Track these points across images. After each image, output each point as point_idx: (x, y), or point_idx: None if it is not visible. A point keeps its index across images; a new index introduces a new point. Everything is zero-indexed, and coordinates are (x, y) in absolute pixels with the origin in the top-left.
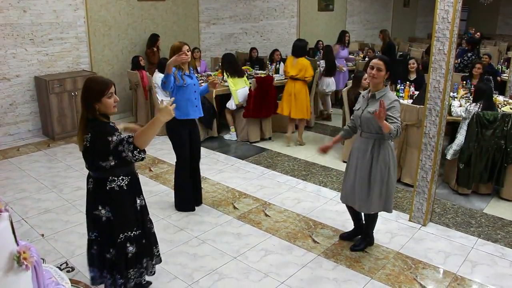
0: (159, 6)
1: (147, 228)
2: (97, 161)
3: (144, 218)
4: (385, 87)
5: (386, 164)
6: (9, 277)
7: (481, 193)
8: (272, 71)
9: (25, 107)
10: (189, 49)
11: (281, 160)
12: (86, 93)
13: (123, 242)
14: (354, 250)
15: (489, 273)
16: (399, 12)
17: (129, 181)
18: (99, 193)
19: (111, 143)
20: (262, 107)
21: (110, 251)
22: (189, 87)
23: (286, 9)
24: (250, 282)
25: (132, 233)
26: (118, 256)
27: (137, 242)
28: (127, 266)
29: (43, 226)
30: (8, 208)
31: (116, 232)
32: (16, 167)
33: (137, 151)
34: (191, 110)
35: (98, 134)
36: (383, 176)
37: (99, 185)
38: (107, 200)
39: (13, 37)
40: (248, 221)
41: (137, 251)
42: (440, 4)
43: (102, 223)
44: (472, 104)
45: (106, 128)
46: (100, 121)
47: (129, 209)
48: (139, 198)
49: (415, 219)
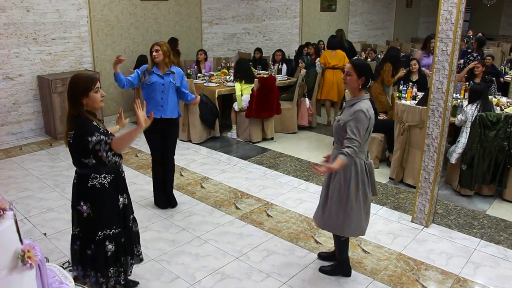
0: (162, 6)
1: (128, 227)
2: (79, 157)
3: (126, 217)
4: (364, 94)
5: (345, 182)
6: (14, 275)
7: (484, 195)
8: (274, 71)
9: (28, 106)
10: (158, 49)
11: (283, 160)
12: (73, 89)
13: (102, 240)
14: (320, 270)
15: (491, 275)
16: (402, 12)
17: (112, 179)
18: (81, 189)
19: (90, 143)
20: (265, 107)
21: (91, 247)
22: (155, 85)
23: (288, 9)
24: (252, 282)
25: (111, 231)
26: (98, 254)
27: (116, 240)
28: (107, 264)
29: (45, 225)
30: (12, 207)
31: (95, 229)
32: (19, 166)
33: (111, 153)
34: (152, 109)
35: (79, 132)
36: (340, 195)
37: (82, 181)
38: (88, 196)
39: (16, 37)
40: (250, 221)
41: (116, 249)
42: (444, 5)
43: (83, 218)
44: (468, 105)
45: (88, 127)
46: (85, 118)
47: (109, 207)
48: (122, 196)
49: (417, 220)
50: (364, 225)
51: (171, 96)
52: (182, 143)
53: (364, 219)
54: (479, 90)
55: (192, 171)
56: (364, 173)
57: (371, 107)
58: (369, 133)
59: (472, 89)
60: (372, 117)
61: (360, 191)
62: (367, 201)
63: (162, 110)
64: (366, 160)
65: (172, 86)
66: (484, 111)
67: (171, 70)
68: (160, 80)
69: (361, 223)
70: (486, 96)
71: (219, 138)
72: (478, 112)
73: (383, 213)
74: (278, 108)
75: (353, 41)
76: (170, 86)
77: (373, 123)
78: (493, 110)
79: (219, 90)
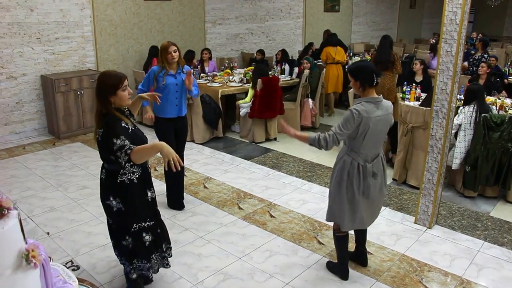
0: (165, 6)
1: (159, 218)
2: (108, 154)
3: (156, 210)
4: (369, 96)
5: (335, 171)
6: (18, 274)
7: (488, 196)
8: (277, 72)
9: (31, 106)
10: (176, 49)
11: (286, 161)
12: (101, 87)
13: (137, 232)
14: (326, 264)
15: (495, 277)
16: (405, 13)
17: (140, 174)
18: (110, 184)
19: (115, 145)
20: (268, 107)
21: (126, 238)
22: (169, 86)
23: (292, 9)
24: (255, 283)
25: (146, 224)
26: (136, 245)
27: (153, 231)
28: (148, 252)
29: (48, 225)
30: (16, 207)
31: (129, 222)
32: (22, 165)
33: (129, 164)
34: (168, 109)
35: (108, 131)
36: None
37: (111, 176)
38: (118, 192)
39: (20, 36)
40: (253, 221)
41: (154, 238)
42: (448, 6)
43: (113, 212)
44: (465, 107)
45: (116, 127)
46: (113, 116)
47: (139, 201)
48: (149, 191)
49: (420, 221)
50: (347, 220)
51: (184, 94)
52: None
53: (348, 214)
54: (475, 90)
55: (195, 171)
56: (354, 173)
57: (372, 110)
58: (365, 136)
59: (468, 89)
60: (367, 119)
61: (343, 188)
62: (354, 201)
63: (178, 109)
64: (363, 163)
65: (181, 83)
66: (481, 112)
67: (182, 68)
68: (174, 80)
69: (342, 214)
70: (482, 96)
71: (222, 138)
72: (476, 113)
73: (386, 214)
74: (281, 109)
75: (356, 41)
76: (183, 84)
77: (370, 126)
78: (490, 110)
79: (222, 91)
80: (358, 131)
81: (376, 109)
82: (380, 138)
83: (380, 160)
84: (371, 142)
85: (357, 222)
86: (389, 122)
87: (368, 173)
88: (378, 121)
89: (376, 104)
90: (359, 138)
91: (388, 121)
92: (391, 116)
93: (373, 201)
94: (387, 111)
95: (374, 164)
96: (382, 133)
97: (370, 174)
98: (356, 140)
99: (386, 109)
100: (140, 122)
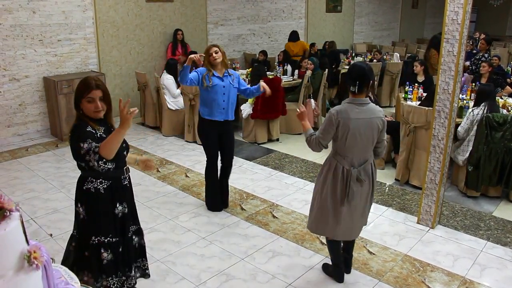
0: (167, 7)
1: (127, 238)
2: (77, 160)
3: (125, 227)
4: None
5: (321, 173)
6: (20, 276)
7: (490, 196)
8: (280, 72)
9: (34, 108)
10: (217, 50)
11: (289, 161)
12: (75, 91)
13: (96, 246)
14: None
15: (498, 277)
16: (408, 13)
17: (109, 185)
18: (78, 191)
19: (82, 149)
20: (270, 108)
21: (89, 250)
22: (216, 88)
23: (294, 10)
24: (257, 284)
25: (107, 239)
26: (92, 259)
27: (113, 249)
28: (102, 272)
29: (51, 226)
30: (19, 208)
31: (89, 233)
32: (25, 167)
33: (102, 161)
34: (216, 112)
35: (73, 137)
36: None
37: (79, 182)
38: (83, 199)
39: (22, 38)
40: (256, 222)
41: (114, 259)
42: (450, 6)
43: (80, 220)
44: (474, 109)
45: (82, 132)
46: (80, 121)
47: (103, 213)
48: (121, 204)
49: (423, 221)
50: (324, 225)
51: (231, 99)
52: (188, 144)
53: (325, 218)
54: (487, 91)
55: (198, 172)
56: (337, 177)
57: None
58: (347, 138)
59: (479, 90)
60: (345, 120)
61: (326, 189)
62: (332, 204)
63: (225, 112)
64: (348, 167)
65: (232, 88)
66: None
67: (229, 71)
68: (221, 82)
69: (323, 222)
70: (494, 98)
71: None
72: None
73: (389, 214)
74: (283, 109)
75: (358, 42)
76: (231, 88)
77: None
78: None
79: None
80: (338, 132)
81: (358, 111)
82: (366, 143)
83: (370, 167)
84: (355, 146)
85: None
86: (375, 127)
87: (352, 178)
88: (360, 124)
89: (359, 106)
90: (341, 140)
91: (374, 126)
92: (379, 120)
93: (355, 208)
94: (372, 114)
95: (361, 169)
96: (367, 137)
97: (354, 179)
98: (339, 142)
99: (372, 112)
100: (142, 123)
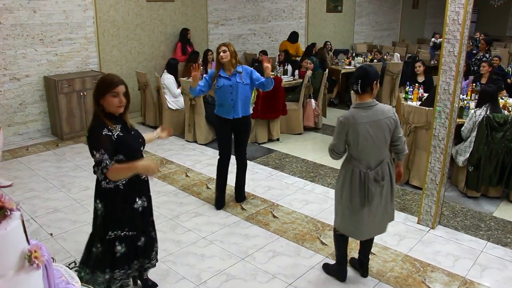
0: (168, 7)
1: (147, 231)
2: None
3: (145, 221)
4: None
5: (339, 179)
6: (20, 275)
7: (491, 196)
8: (280, 72)
9: (34, 107)
10: (226, 49)
11: (289, 161)
12: (95, 88)
13: (111, 240)
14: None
15: (498, 277)
16: (408, 13)
17: (128, 181)
18: (97, 187)
19: (94, 157)
20: (271, 108)
21: (98, 246)
22: (223, 88)
23: (294, 10)
24: (257, 283)
25: (123, 233)
26: (105, 253)
27: (128, 243)
28: (114, 265)
29: (51, 226)
30: (19, 207)
31: (106, 228)
32: (25, 166)
33: (105, 181)
34: (225, 110)
35: (90, 139)
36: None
37: (98, 180)
38: (102, 196)
39: (23, 38)
40: (256, 222)
41: (126, 251)
42: (451, 6)
43: (97, 216)
44: (476, 110)
45: (97, 138)
46: (98, 121)
47: (122, 208)
48: (140, 199)
49: (423, 221)
50: (349, 226)
51: (241, 96)
52: (188, 143)
53: (348, 220)
54: (490, 92)
55: (198, 171)
56: (355, 180)
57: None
58: (359, 142)
59: (482, 90)
60: (354, 125)
61: (344, 194)
62: (352, 208)
63: (234, 110)
64: (365, 170)
65: (241, 85)
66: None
67: (237, 70)
68: (228, 82)
69: (344, 221)
70: (496, 98)
71: None
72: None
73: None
74: (284, 109)
75: (358, 42)
76: (239, 85)
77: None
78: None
79: None
80: (349, 139)
81: (365, 114)
82: (379, 144)
83: (387, 166)
84: (369, 149)
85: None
86: (385, 127)
87: (370, 180)
88: (369, 127)
89: (366, 109)
90: (354, 145)
91: (384, 126)
92: (390, 120)
93: (376, 208)
94: (381, 115)
95: (378, 170)
96: (379, 139)
97: (372, 181)
98: (352, 147)
99: (381, 113)
100: (142, 123)
